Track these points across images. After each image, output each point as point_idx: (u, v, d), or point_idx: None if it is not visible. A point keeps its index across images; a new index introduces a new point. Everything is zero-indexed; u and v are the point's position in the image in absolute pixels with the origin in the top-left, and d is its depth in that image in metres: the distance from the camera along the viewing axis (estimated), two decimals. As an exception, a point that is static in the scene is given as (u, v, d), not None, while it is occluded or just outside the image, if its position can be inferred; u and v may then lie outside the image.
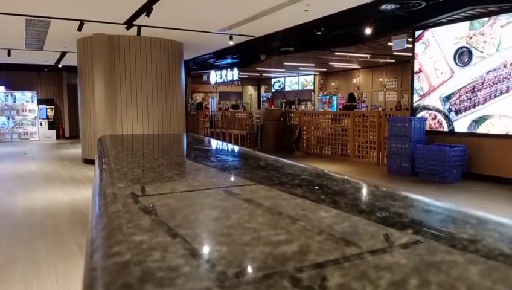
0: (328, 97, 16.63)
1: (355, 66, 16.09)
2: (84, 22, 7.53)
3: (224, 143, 2.03)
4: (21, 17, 7.37)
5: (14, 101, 16.16)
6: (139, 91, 9.18)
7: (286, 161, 1.32)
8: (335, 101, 15.44)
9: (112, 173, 1.07)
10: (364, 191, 0.96)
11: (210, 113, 15.78)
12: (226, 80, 15.49)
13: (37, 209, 5.31)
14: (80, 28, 7.70)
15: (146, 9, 6.55)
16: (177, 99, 10.04)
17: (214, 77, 15.86)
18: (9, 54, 11.33)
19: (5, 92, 16.06)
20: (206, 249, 0.54)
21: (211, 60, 13.37)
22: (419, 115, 7.59)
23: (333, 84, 18.42)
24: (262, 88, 21.85)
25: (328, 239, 0.57)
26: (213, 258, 0.49)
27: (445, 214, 0.72)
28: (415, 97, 7.71)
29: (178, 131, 9.96)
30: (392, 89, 15.57)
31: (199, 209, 0.77)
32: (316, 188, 0.96)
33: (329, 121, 10.54)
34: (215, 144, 2.07)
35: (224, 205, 0.76)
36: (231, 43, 9.25)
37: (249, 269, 0.47)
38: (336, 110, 14.00)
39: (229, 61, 13.45)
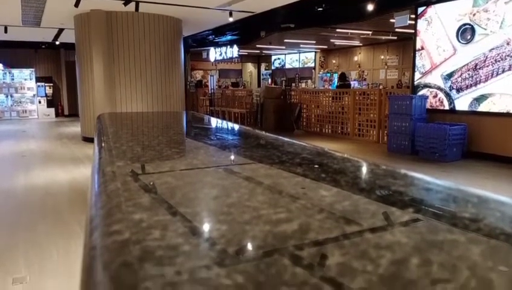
0: (328, 75, 16.51)
1: (356, 43, 15.90)
2: (81, -2, 7.39)
3: (224, 121, 2.01)
4: (16, -8, 7.25)
5: (13, 79, 16.04)
6: (138, 69, 9.10)
7: (286, 139, 1.31)
8: (335, 79, 15.32)
9: (111, 151, 1.06)
10: (365, 169, 0.95)
11: (209, 91, 15.69)
12: (225, 57, 15.33)
13: (38, 188, 5.33)
14: (76, 4, 7.57)
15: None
16: (177, 77, 9.96)
17: (214, 54, 15.69)
18: (5, 31, 11.18)
19: (2, 70, 15.91)
20: (205, 228, 0.54)
21: (210, 37, 13.19)
22: (421, 93, 7.54)
23: (334, 61, 18.25)
24: (262, 66, 21.64)
25: (328, 217, 0.57)
26: (213, 236, 0.49)
27: (446, 192, 0.72)
28: (417, 75, 7.64)
29: (177, 109, 9.91)
30: (393, 67, 15.43)
31: (199, 188, 0.76)
32: (316, 166, 0.95)
33: (330, 99, 10.49)
34: (214, 122, 2.06)
35: (224, 183, 0.76)
36: (231, 19, 9.11)
37: (249, 247, 0.47)
38: (335, 88, 13.91)
39: (229, 38, 13.28)
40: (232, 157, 1.06)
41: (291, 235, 0.48)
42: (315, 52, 18.57)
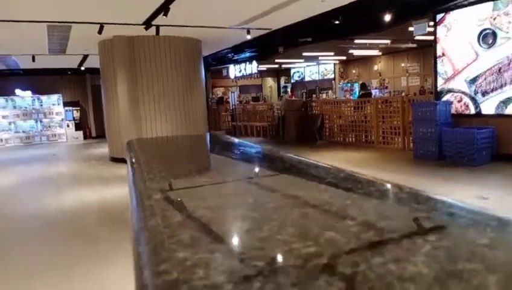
0: (349, 85, 16.46)
1: (375, 52, 15.83)
2: (104, 25, 7.66)
3: (246, 143, 2.05)
4: (43, 23, 7.58)
5: (41, 105, 16.65)
6: (161, 89, 9.32)
7: (310, 161, 1.35)
8: (356, 89, 15.25)
9: (146, 183, 1.12)
10: (392, 194, 0.97)
11: (231, 107, 15.87)
12: (245, 74, 15.52)
13: (68, 209, 5.50)
14: (100, 31, 7.85)
15: (163, 9, 6.63)
16: (198, 95, 10.14)
17: (233, 71, 15.91)
18: (33, 60, 11.66)
19: (32, 96, 16.56)
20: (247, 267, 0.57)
21: (229, 55, 13.40)
22: (445, 98, 7.44)
23: (354, 71, 18.19)
24: (282, 79, 21.77)
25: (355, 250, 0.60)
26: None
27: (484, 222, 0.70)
28: (439, 81, 7.55)
29: (200, 126, 10.08)
30: (414, 74, 15.27)
31: (235, 218, 0.81)
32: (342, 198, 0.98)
33: (352, 108, 10.46)
34: (236, 145, 2.10)
35: (258, 216, 0.80)
36: (248, 37, 9.25)
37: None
38: (357, 97, 13.84)
39: (248, 54, 13.46)
40: (255, 193, 1.09)
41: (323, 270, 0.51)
42: (334, 63, 18.57)
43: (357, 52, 15.39)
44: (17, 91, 16.43)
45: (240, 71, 15.48)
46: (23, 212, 5.52)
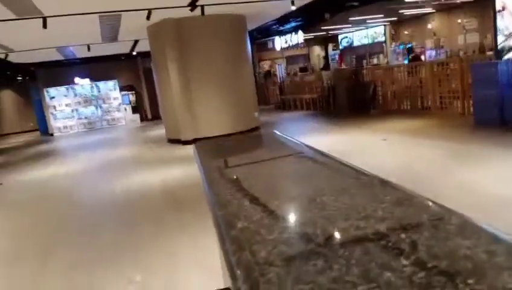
0: (402, 47, 15.73)
1: (429, 10, 14.91)
2: (152, 11, 7.85)
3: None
4: (95, 14, 7.90)
5: (99, 91, 17.54)
6: (210, 67, 9.46)
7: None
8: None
9: (226, 206, 1.11)
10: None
11: (279, 80, 15.79)
12: (291, 44, 15.31)
13: (134, 191, 5.86)
14: (148, 17, 8.07)
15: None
16: (246, 72, 10.19)
17: (279, 42, 15.74)
18: (88, 49, 12.24)
19: (90, 84, 17.46)
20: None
21: (274, 27, 13.24)
22: (506, 57, 6.94)
23: (406, 32, 17.30)
24: (330, 47, 21.18)
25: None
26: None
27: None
28: (500, 38, 7.03)
29: (250, 103, 10.15)
30: (472, 30, 14.25)
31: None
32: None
33: (405, 73, 10.04)
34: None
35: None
36: (293, 8, 9.08)
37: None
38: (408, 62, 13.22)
39: (293, 24, 13.23)
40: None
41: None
42: (384, 25, 17.75)
43: (408, 12, 14.59)
44: (76, 79, 17.38)
45: (286, 42, 15.29)
46: (95, 196, 5.96)
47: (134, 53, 15.40)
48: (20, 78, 19.41)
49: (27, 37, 9.34)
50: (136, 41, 12.44)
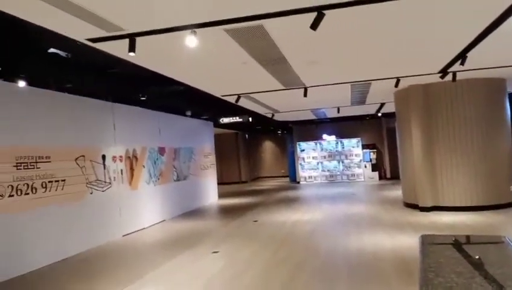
0: None
1: None
2: (400, 78, 8.20)
3: None
4: (347, 84, 8.81)
5: (343, 147, 18.83)
6: (458, 136, 8.97)
7: None
8: None
9: None
10: None
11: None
12: None
13: (367, 252, 6.08)
14: (396, 85, 8.44)
15: (460, 57, 6.55)
16: (502, 139, 9.16)
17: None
18: (338, 111, 13.51)
19: (335, 140, 18.99)
20: None
21: None
22: None
23: None
24: None
25: None
26: None
27: None
28: None
29: (504, 174, 9.01)
30: None
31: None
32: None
33: None
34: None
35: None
36: None
37: None
38: None
39: None
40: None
41: None
42: None
43: None
44: (324, 136, 19.21)
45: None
46: (332, 248, 6.49)
47: (379, 114, 15.98)
48: (279, 132, 22.83)
49: (290, 102, 11.15)
50: (382, 104, 12.98)
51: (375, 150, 18.37)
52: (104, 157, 8.06)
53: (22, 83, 6.30)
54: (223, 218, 10.54)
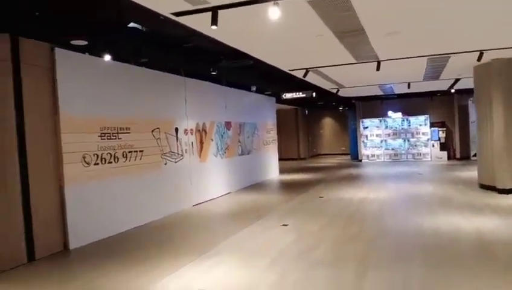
0: None
1: None
2: (484, 52, 7.63)
3: None
4: (423, 57, 8.35)
5: (409, 125, 18.09)
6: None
7: None
8: None
9: None
10: None
11: None
12: None
13: (442, 232, 5.85)
14: (479, 58, 7.88)
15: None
16: None
17: None
18: (409, 86, 12.90)
19: (401, 117, 18.26)
20: None
21: None
22: None
23: None
24: None
25: None
26: None
27: None
28: None
29: None
30: None
31: None
32: None
33: None
34: None
35: None
36: None
37: None
38: None
39: None
40: None
41: None
42: None
43: None
44: (390, 113, 18.54)
45: None
46: (401, 229, 6.33)
47: (452, 90, 15.09)
48: (340, 108, 22.34)
49: (358, 76, 10.81)
50: (456, 80, 12.23)
51: (444, 129, 17.45)
52: (177, 130, 8.36)
53: (107, 57, 6.61)
54: (287, 193, 10.61)
